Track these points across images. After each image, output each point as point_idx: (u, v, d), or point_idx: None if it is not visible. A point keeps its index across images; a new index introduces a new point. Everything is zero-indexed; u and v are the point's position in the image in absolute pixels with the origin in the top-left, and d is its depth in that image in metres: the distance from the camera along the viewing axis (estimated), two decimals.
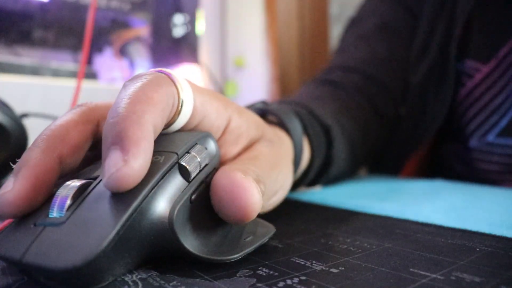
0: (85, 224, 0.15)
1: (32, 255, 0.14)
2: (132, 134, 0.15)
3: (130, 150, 0.15)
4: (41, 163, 0.17)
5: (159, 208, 0.16)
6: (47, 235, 0.15)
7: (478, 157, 0.45)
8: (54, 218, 0.15)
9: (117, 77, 0.81)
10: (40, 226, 0.15)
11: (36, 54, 0.72)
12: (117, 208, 0.15)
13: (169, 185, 0.17)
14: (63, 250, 0.14)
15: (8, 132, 0.37)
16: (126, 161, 0.15)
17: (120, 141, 0.15)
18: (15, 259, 0.14)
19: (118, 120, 0.16)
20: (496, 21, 0.43)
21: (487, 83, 0.43)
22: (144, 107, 0.17)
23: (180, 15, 0.85)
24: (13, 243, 0.15)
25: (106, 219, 0.15)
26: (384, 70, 0.49)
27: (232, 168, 0.18)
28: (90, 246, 0.14)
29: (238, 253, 0.17)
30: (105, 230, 0.14)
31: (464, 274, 0.16)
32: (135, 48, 0.85)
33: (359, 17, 0.55)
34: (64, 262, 0.13)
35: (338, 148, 0.37)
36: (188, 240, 0.17)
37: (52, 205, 0.16)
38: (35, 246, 0.14)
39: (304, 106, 0.37)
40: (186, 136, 0.19)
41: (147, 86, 0.18)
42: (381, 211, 0.28)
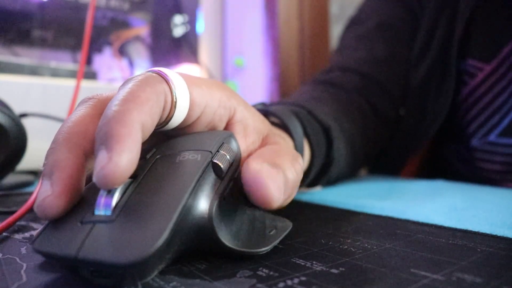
0: (138, 221, 0.15)
1: (87, 251, 0.14)
2: (116, 132, 0.16)
3: (114, 147, 0.15)
4: (71, 163, 0.17)
5: (200, 204, 0.17)
6: (99, 232, 0.15)
7: (480, 156, 0.45)
8: (103, 215, 0.16)
9: (117, 77, 0.81)
10: (89, 223, 0.16)
11: (35, 54, 0.72)
12: (167, 206, 0.16)
13: (206, 182, 0.18)
14: (121, 245, 0.14)
15: (7, 132, 0.37)
16: (109, 158, 0.15)
17: (105, 141, 0.16)
18: (70, 256, 0.15)
19: (106, 121, 0.16)
20: (498, 20, 0.43)
21: (489, 82, 0.43)
22: (129, 106, 0.17)
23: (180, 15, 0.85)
24: (63, 241, 0.15)
25: (158, 217, 0.15)
26: (384, 70, 0.49)
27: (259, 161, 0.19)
28: (148, 242, 0.14)
29: (267, 246, 0.18)
30: (160, 228, 0.15)
31: (465, 274, 0.16)
32: (134, 48, 0.85)
33: (359, 17, 0.55)
34: (123, 257, 0.14)
35: (338, 148, 0.37)
36: (223, 234, 0.18)
37: (98, 203, 0.16)
38: (88, 242, 0.15)
39: (303, 107, 0.37)
40: (213, 135, 0.20)
41: (135, 86, 0.18)
42: (381, 211, 0.28)
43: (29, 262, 0.18)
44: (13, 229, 0.24)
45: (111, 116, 0.16)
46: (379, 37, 0.51)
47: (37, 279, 0.16)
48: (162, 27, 0.85)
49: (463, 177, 0.48)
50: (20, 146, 0.38)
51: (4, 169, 0.38)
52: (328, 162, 0.36)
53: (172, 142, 0.21)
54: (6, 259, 0.18)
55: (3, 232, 0.22)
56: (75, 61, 0.75)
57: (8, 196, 0.35)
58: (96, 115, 0.19)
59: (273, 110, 0.32)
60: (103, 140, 0.16)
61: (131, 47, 0.85)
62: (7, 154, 0.37)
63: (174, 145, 0.20)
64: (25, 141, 0.38)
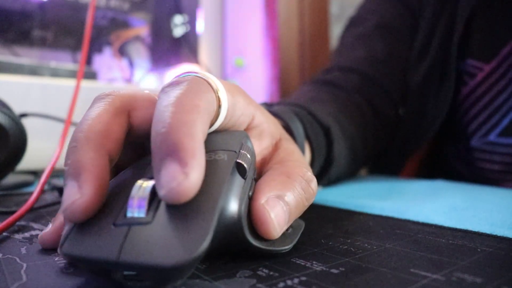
0: (177, 223, 0.15)
1: (128, 254, 0.14)
2: (188, 145, 0.15)
3: (189, 162, 0.15)
4: (98, 164, 0.16)
5: (231, 205, 0.17)
6: (137, 234, 0.15)
7: (480, 156, 0.45)
8: (137, 217, 0.15)
9: (117, 77, 0.81)
10: (123, 226, 0.15)
11: (35, 54, 0.72)
12: (205, 207, 0.15)
13: (233, 182, 0.18)
14: (165, 248, 0.14)
15: (7, 132, 0.37)
16: (186, 174, 0.15)
17: (176, 153, 0.15)
18: (110, 260, 0.14)
19: (170, 130, 0.16)
20: (497, 20, 0.43)
21: (488, 82, 0.43)
22: (193, 116, 0.16)
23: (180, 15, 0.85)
24: (98, 245, 0.15)
25: (198, 218, 0.15)
26: (383, 70, 0.49)
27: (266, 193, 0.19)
28: (194, 243, 0.14)
29: (289, 244, 0.19)
30: (203, 229, 0.15)
31: (465, 274, 0.16)
32: (134, 48, 0.85)
33: (359, 16, 0.55)
34: (170, 259, 0.14)
35: (338, 149, 0.37)
36: (250, 234, 0.18)
37: (130, 205, 0.16)
38: (128, 246, 0.14)
39: (303, 107, 0.37)
40: (233, 135, 0.20)
41: (191, 93, 0.18)
42: (381, 211, 0.28)
43: (29, 262, 0.18)
44: (13, 229, 0.24)
45: (177, 126, 0.16)
46: (378, 37, 0.51)
47: (37, 279, 0.16)
48: (162, 27, 0.85)
49: (463, 177, 0.48)
50: (20, 146, 0.38)
51: (4, 169, 0.38)
52: (328, 163, 0.36)
53: None
54: (6, 259, 0.18)
55: (3, 232, 0.22)
56: (75, 61, 0.75)
57: (8, 196, 0.35)
58: (115, 113, 0.19)
59: (275, 111, 0.32)
60: (172, 151, 0.15)
61: (131, 47, 0.85)
62: (7, 154, 0.37)
63: None
64: (25, 141, 0.38)
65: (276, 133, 0.25)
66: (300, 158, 0.24)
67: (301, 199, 0.20)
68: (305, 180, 0.21)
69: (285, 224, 0.19)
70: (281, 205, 0.19)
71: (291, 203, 0.19)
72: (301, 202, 0.20)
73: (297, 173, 0.21)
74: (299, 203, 0.20)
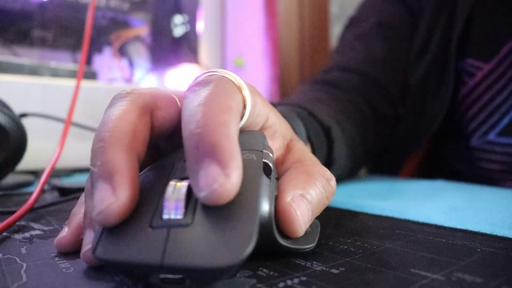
0: (220, 224, 0.15)
1: (172, 257, 0.14)
2: (226, 146, 0.15)
3: (229, 164, 0.15)
4: (130, 166, 0.16)
5: (262, 205, 0.17)
6: (178, 236, 0.14)
7: (479, 156, 0.45)
8: (174, 219, 0.15)
9: (117, 77, 0.81)
10: (162, 228, 0.15)
11: (35, 54, 0.72)
12: (246, 207, 0.15)
13: (263, 182, 0.18)
14: (210, 250, 0.14)
15: (7, 132, 0.37)
16: (227, 175, 0.14)
17: (215, 154, 0.15)
18: (154, 263, 0.14)
19: (207, 131, 0.15)
20: (497, 19, 0.43)
21: (488, 81, 0.43)
22: (228, 117, 0.16)
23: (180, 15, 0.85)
24: (136, 248, 0.14)
25: (241, 218, 0.15)
26: (382, 70, 0.49)
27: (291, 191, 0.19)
28: (242, 244, 0.14)
29: (312, 243, 0.19)
30: (248, 229, 0.14)
31: (465, 274, 0.16)
32: (134, 48, 0.85)
33: (358, 16, 0.55)
34: (220, 261, 0.13)
35: (338, 149, 0.37)
36: (278, 233, 0.18)
37: (166, 207, 0.15)
38: (170, 248, 0.14)
39: (303, 107, 0.37)
40: (253, 135, 0.21)
41: (222, 93, 0.18)
42: (381, 211, 0.28)
43: (29, 262, 0.18)
44: (13, 229, 0.24)
45: (213, 126, 0.16)
46: (378, 36, 0.51)
47: (37, 279, 0.16)
48: (162, 27, 0.85)
49: (462, 177, 0.48)
50: (20, 146, 0.38)
51: (4, 169, 0.38)
52: (329, 163, 0.36)
53: None
54: (6, 259, 0.18)
55: (3, 232, 0.22)
56: (75, 61, 0.75)
57: (8, 196, 0.35)
58: (140, 113, 0.18)
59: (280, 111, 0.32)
60: (211, 152, 0.15)
61: (131, 47, 0.85)
62: (7, 154, 0.37)
63: None
64: (25, 141, 0.38)
65: (287, 134, 0.25)
66: (314, 158, 0.24)
67: (322, 197, 0.21)
68: (326, 179, 0.21)
69: (309, 222, 0.19)
70: (305, 203, 0.19)
71: (314, 201, 0.20)
72: (322, 200, 0.21)
73: (317, 172, 0.21)
74: (321, 201, 0.20)
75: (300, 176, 0.21)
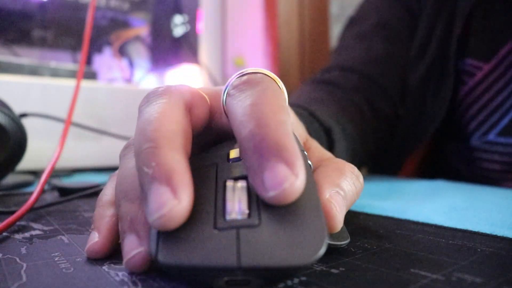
0: (290, 223, 0.15)
1: (249, 258, 0.14)
2: (290, 146, 0.15)
3: (296, 163, 0.15)
4: (186, 167, 0.16)
5: None
6: (250, 237, 0.14)
7: (479, 156, 0.45)
8: (240, 220, 0.15)
9: (117, 77, 0.81)
10: (229, 230, 0.15)
11: (35, 54, 0.72)
12: (310, 203, 0.15)
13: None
14: (286, 249, 0.14)
15: (7, 132, 0.37)
16: (296, 175, 0.15)
17: (281, 153, 0.15)
18: (230, 266, 0.14)
19: (269, 130, 0.15)
20: (496, 19, 0.43)
21: (488, 81, 0.43)
22: (285, 116, 0.17)
23: (180, 15, 0.85)
24: (206, 251, 0.14)
25: (309, 216, 0.15)
26: (382, 70, 0.49)
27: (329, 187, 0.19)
28: (316, 241, 0.14)
29: (346, 239, 0.19)
30: (318, 226, 0.15)
31: (465, 274, 0.16)
32: (134, 48, 0.85)
33: (358, 16, 0.55)
34: (295, 260, 0.14)
35: (339, 150, 0.37)
36: None
37: (228, 208, 0.15)
38: (245, 249, 0.14)
39: (304, 108, 0.37)
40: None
41: (275, 93, 0.18)
42: (381, 211, 0.28)
43: (29, 262, 0.18)
44: (13, 229, 0.24)
45: (274, 126, 0.16)
46: (378, 36, 0.51)
47: (37, 279, 0.16)
48: (162, 27, 0.85)
49: (462, 177, 0.48)
50: (20, 146, 0.38)
51: (4, 169, 0.38)
52: None
53: None
54: (6, 259, 0.18)
55: (3, 232, 0.22)
56: (75, 61, 0.75)
57: (8, 196, 0.35)
58: (182, 110, 0.18)
59: None
60: (275, 152, 0.15)
61: (131, 47, 0.85)
62: (7, 154, 0.37)
63: None
64: (25, 141, 0.38)
65: (303, 134, 0.25)
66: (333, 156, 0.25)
67: (354, 193, 0.21)
68: (355, 175, 0.22)
69: (343, 217, 0.19)
70: (341, 199, 0.19)
71: (348, 197, 0.20)
72: (354, 195, 0.21)
73: (348, 169, 0.22)
74: (352, 197, 0.21)
75: (333, 173, 0.21)
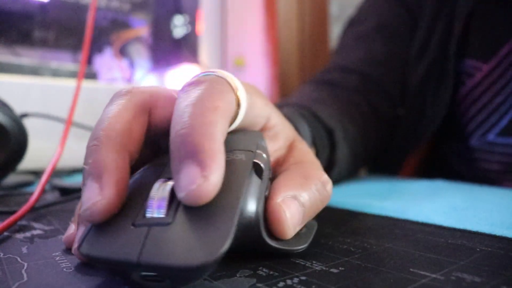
0: (199, 223, 0.15)
1: (150, 255, 0.14)
2: (207, 147, 0.15)
3: (208, 165, 0.15)
4: (119, 166, 0.16)
5: (249, 205, 0.17)
6: (157, 235, 0.15)
7: (479, 156, 0.45)
8: (156, 218, 0.15)
9: (117, 77, 0.81)
10: (143, 226, 0.15)
11: (36, 54, 0.72)
12: (226, 207, 0.15)
13: (252, 182, 0.18)
14: (187, 248, 0.14)
15: (8, 132, 0.37)
16: (205, 177, 0.15)
17: (195, 155, 0.15)
18: (130, 261, 0.14)
19: (190, 131, 0.16)
20: (496, 20, 0.43)
21: (487, 82, 0.43)
22: (214, 117, 0.16)
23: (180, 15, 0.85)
24: (117, 246, 0.15)
25: (220, 218, 0.15)
26: (382, 70, 0.49)
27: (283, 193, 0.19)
28: (216, 244, 0.14)
29: (304, 244, 0.19)
30: (224, 229, 0.15)
31: (464, 274, 0.16)
32: (135, 48, 0.85)
33: (358, 17, 0.55)
34: (193, 260, 0.14)
35: (340, 152, 0.37)
36: (267, 234, 0.18)
37: (149, 206, 0.16)
38: (149, 246, 0.14)
39: (307, 108, 0.37)
40: (248, 135, 0.20)
41: (212, 93, 0.18)
42: (381, 211, 0.28)
43: (30, 261, 0.18)
44: (14, 229, 0.24)
45: (197, 127, 0.16)
46: (377, 37, 0.51)
47: (38, 278, 0.16)
48: (162, 27, 0.85)
49: (462, 177, 0.48)
50: (20, 146, 0.38)
51: (5, 169, 0.38)
52: (330, 165, 0.36)
53: None
54: (7, 258, 0.18)
55: (4, 231, 0.22)
56: (76, 62, 0.75)
57: (9, 196, 0.35)
58: (137, 111, 0.18)
59: (284, 113, 0.32)
60: (191, 153, 0.15)
61: (132, 47, 0.85)
62: (8, 154, 0.37)
63: None
64: (25, 141, 0.39)
65: (290, 135, 0.25)
66: (315, 160, 0.24)
67: (316, 201, 0.20)
68: (321, 182, 0.21)
69: (299, 224, 0.19)
70: (297, 205, 0.19)
71: (306, 204, 0.20)
72: (316, 203, 0.20)
73: (314, 175, 0.21)
74: (314, 205, 0.20)
75: (295, 178, 0.20)
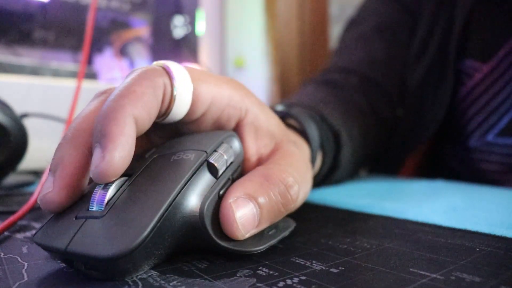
0: (124, 217, 0.16)
1: (76, 245, 0.15)
2: (108, 131, 0.16)
3: (106, 146, 0.16)
4: (74, 160, 0.17)
5: (191, 203, 0.17)
6: (88, 227, 0.16)
7: (478, 156, 0.45)
8: (94, 211, 0.16)
9: (117, 77, 0.81)
10: (81, 219, 0.16)
11: (36, 54, 0.72)
12: (153, 202, 0.16)
13: (199, 181, 0.18)
14: (105, 240, 0.15)
15: (8, 132, 0.37)
16: (103, 157, 0.16)
17: (99, 140, 0.16)
18: (60, 249, 0.15)
19: (99, 118, 0.17)
20: (495, 20, 0.43)
21: (487, 82, 0.43)
22: (123, 101, 0.17)
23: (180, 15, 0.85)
24: (56, 235, 0.16)
25: (143, 213, 0.16)
26: (382, 71, 0.49)
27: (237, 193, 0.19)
28: (130, 237, 0.15)
29: (262, 246, 0.19)
30: (143, 223, 0.15)
31: (464, 274, 0.16)
32: (135, 49, 0.85)
33: (358, 17, 0.55)
34: (105, 251, 0.15)
35: (345, 154, 0.37)
36: (217, 232, 0.18)
37: (92, 200, 0.17)
38: (78, 237, 0.16)
39: (315, 110, 0.37)
40: (213, 136, 0.21)
41: (132, 80, 0.18)
42: (381, 211, 0.28)
43: (30, 261, 0.18)
44: (14, 229, 0.24)
45: (105, 113, 0.17)
46: (377, 38, 0.51)
47: (38, 278, 0.16)
48: (162, 27, 0.85)
49: (461, 177, 0.48)
50: (21, 146, 0.38)
51: (5, 169, 0.38)
52: (334, 167, 0.36)
53: (172, 142, 0.21)
54: (7, 258, 0.18)
55: (4, 231, 0.22)
56: (76, 62, 0.75)
57: (9, 195, 0.35)
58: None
59: (294, 113, 0.32)
60: (98, 138, 0.16)
61: (132, 47, 0.85)
62: (8, 154, 0.37)
63: (172, 145, 0.20)
64: (26, 141, 0.39)
65: (279, 133, 0.24)
66: (295, 163, 0.22)
67: (277, 204, 0.19)
68: (284, 185, 0.20)
69: (253, 227, 0.18)
70: (251, 207, 0.18)
71: (264, 207, 0.19)
72: (276, 207, 0.19)
73: (277, 177, 0.20)
74: (274, 208, 0.19)
75: (255, 179, 0.19)
